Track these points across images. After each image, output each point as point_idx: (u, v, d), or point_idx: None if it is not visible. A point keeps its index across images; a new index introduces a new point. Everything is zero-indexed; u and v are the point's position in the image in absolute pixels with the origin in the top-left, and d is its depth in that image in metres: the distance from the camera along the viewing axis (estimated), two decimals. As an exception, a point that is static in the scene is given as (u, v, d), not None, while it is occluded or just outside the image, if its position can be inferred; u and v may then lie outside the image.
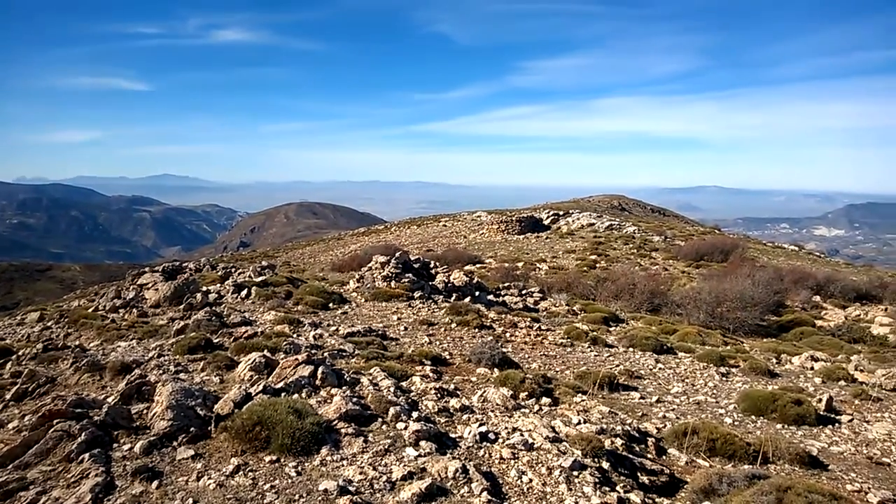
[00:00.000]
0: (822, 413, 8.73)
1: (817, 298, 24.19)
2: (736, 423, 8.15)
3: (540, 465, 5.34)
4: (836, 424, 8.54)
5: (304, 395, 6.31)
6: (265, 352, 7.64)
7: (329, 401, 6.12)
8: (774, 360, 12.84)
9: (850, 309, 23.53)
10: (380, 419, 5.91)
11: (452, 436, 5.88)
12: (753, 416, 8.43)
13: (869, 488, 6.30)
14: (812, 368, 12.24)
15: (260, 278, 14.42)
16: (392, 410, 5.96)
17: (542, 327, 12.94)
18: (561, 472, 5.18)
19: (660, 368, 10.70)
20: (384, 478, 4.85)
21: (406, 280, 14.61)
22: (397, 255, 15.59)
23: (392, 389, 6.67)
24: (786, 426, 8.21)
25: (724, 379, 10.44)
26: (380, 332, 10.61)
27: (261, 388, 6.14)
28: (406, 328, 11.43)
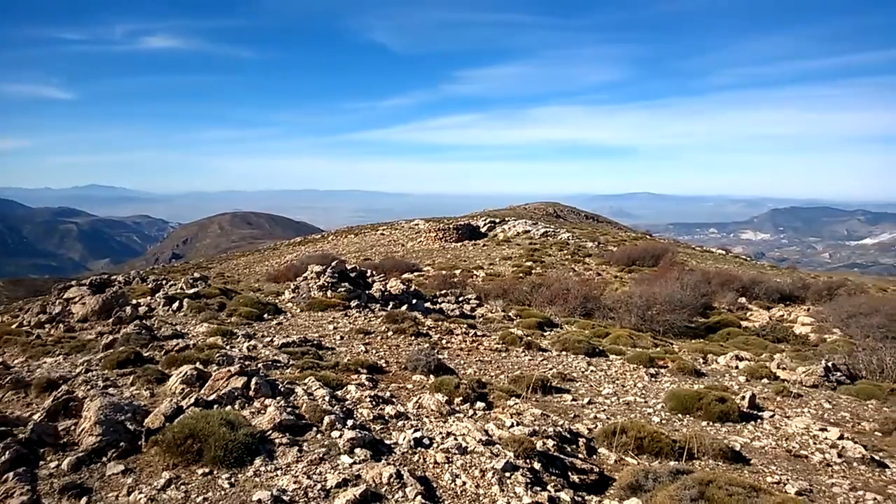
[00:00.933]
0: (745, 410, 9.15)
1: (743, 300, 25.27)
2: (663, 421, 8.47)
3: (473, 467, 5.45)
4: (759, 420, 8.96)
5: (237, 406, 6.24)
6: (197, 364, 7.51)
7: (263, 411, 6.07)
8: (701, 361, 13.35)
9: (775, 310, 24.67)
10: (315, 428, 5.89)
11: (387, 442, 5.92)
12: (680, 415, 8.77)
13: (788, 480, 6.66)
14: (737, 367, 12.79)
15: (192, 290, 14.10)
16: (327, 419, 5.96)
17: (478, 333, 13.11)
18: (494, 473, 5.30)
19: (592, 371, 11.00)
20: (319, 486, 4.86)
21: (342, 289, 14.55)
22: (333, 264, 15.51)
23: (327, 398, 6.66)
24: (711, 423, 8.57)
25: (653, 379, 10.81)
26: (315, 342, 10.55)
27: (192, 400, 6.04)
28: (342, 337, 11.39)
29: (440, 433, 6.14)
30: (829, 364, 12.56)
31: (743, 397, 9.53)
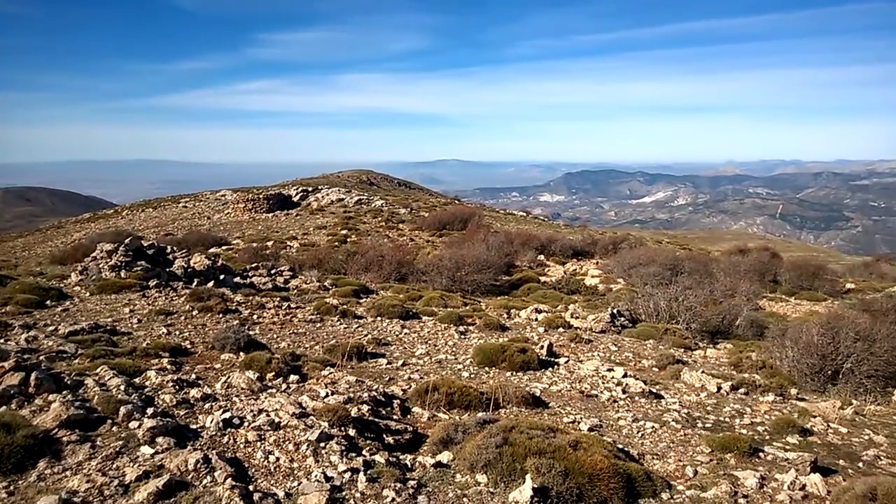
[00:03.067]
0: (543, 358, 9.91)
1: (542, 257, 27.18)
2: (472, 375, 8.93)
3: (287, 442, 5.36)
4: (556, 366, 9.75)
5: (13, 406, 5.57)
6: (-39, 364, 6.58)
7: (46, 409, 5.48)
8: (506, 316, 14.22)
9: (569, 265, 26.82)
10: (109, 421, 5.44)
11: (193, 427, 5.63)
12: (487, 368, 9.30)
13: (581, 418, 7.32)
14: (537, 320, 13.78)
15: (-47, 279, 12.28)
16: (123, 410, 5.52)
17: (292, 305, 12.85)
18: (308, 445, 5.25)
19: (406, 334, 11.28)
20: (116, 482, 4.50)
21: (139, 268, 13.47)
22: (127, 241, 14.27)
23: (123, 388, 6.16)
24: (514, 373, 9.19)
25: (462, 337, 11.33)
26: (108, 328, 9.69)
27: (-45, 405, 5.30)
28: (140, 320, 10.58)
29: (251, 411, 5.96)
30: (615, 311, 13.97)
31: (542, 347, 10.31)
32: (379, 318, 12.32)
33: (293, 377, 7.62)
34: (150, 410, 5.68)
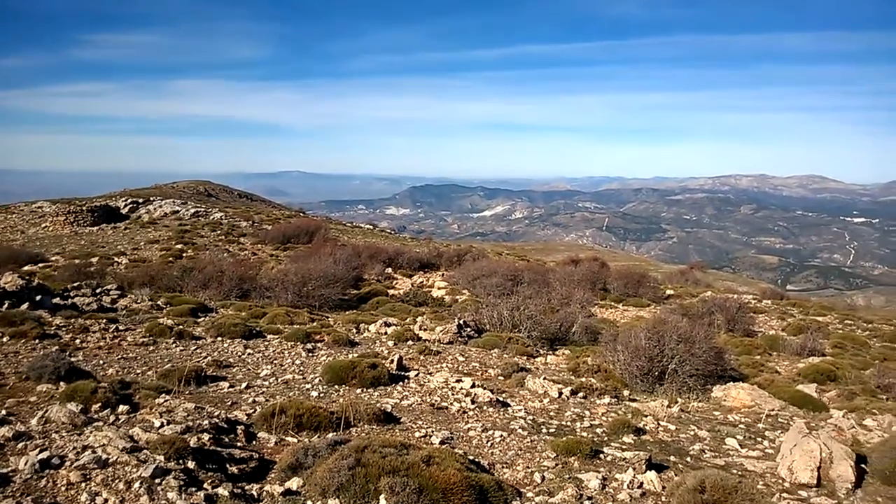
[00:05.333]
0: (394, 372, 9.86)
1: (390, 270, 27.27)
2: (321, 395, 8.68)
3: (117, 480, 4.87)
4: (406, 380, 9.73)
5: None
6: None
7: None
8: (355, 330, 14.04)
9: (416, 277, 27.13)
10: None
11: (4, 471, 4.96)
12: (337, 386, 9.09)
13: (433, 432, 7.34)
14: (386, 333, 13.73)
15: None
16: (-89, 458, 4.75)
17: (121, 328, 11.83)
18: (141, 482, 4.80)
19: (249, 354, 10.76)
20: None
21: (-67, 291, 11.78)
22: (-82, 260, 12.45)
23: (-89, 431, 5.31)
24: (365, 389, 9.05)
25: (310, 354, 11.01)
26: None
27: None
28: (-66, 351, 9.24)
29: (74, 448, 5.36)
30: (461, 322, 14.27)
31: (392, 361, 10.27)
32: (219, 339, 11.67)
33: (123, 407, 6.98)
34: (-55, 457, 4.93)
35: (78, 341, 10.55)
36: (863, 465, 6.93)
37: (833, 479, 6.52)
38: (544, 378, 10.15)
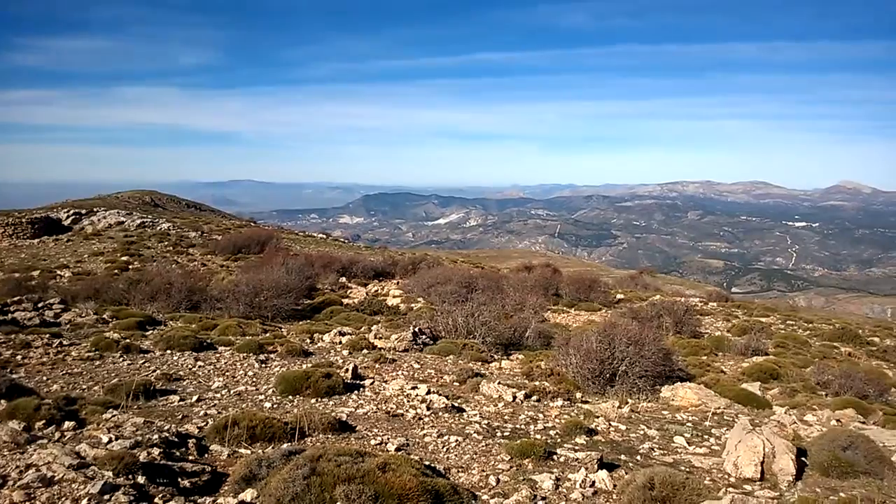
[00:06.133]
0: (349, 381, 9.83)
1: (344, 279, 27.08)
2: (275, 406, 8.59)
3: (64, 498, 4.74)
4: (361, 389, 9.71)
5: None
6: None
7: None
8: (309, 341, 13.92)
9: (371, 286, 27.01)
10: None
11: (-61, 495, 4.78)
12: (291, 396, 9.01)
13: (389, 439, 7.35)
14: (341, 342, 13.66)
15: None
16: None
17: (65, 342, 11.49)
18: (90, 500, 4.69)
19: (200, 366, 10.56)
20: None
21: None
22: None
23: None
24: (319, 399, 9.00)
25: (263, 365, 10.87)
26: None
27: None
28: None
29: (17, 467, 5.20)
30: (416, 329, 14.29)
31: (347, 370, 10.23)
32: (169, 352, 11.43)
33: (69, 424, 6.78)
34: None
35: (19, 357, 10.20)
36: (803, 459, 7.22)
37: (776, 472, 6.77)
38: (499, 383, 10.25)
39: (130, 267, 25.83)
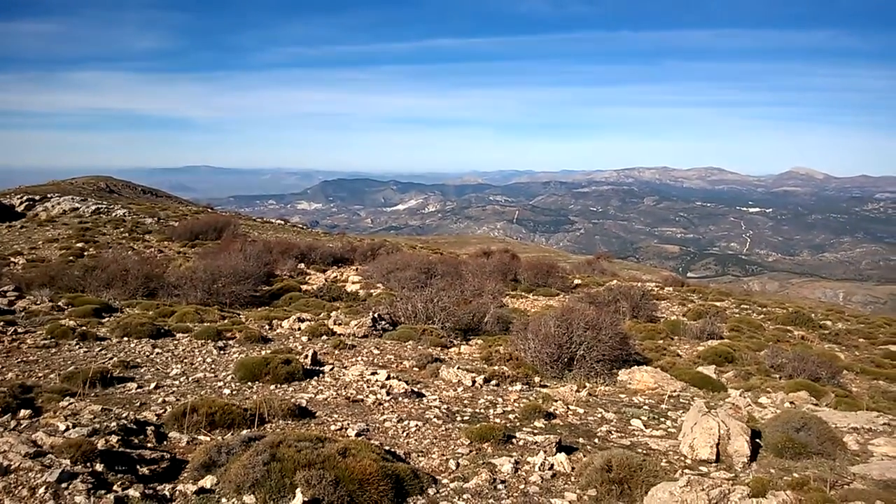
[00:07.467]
0: (308, 367, 9.86)
1: (302, 266, 26.92)
2: (234, 392, 8.59)
3: (20, 486, 4.72)
4: (321, 375, 9.75)
5: None
6: None
7: None
8: (267, 327, 13.87)
9: (330, 272, 26.92)
10: None
11: None
12: (250, 383, 9.02)
13: (349, 424, 7.43)
14: (300, 329, 13.65)
15: None
16: None
17: (20, 330, 11.25)
18: (47, 488, 4.68)
19: (157, 353, 10.47)
20: None
21: None
22: None
23: None
24: (279, 385, 9.02)
25: (221, 352, 10.83)
26: None
27: None
28: None
29: (-30, 457, 5.14)
30: (376, 315, 14.36)
31: (306, 356, 10.26)
32: (126, 339, 11.29)
33: (24, 412, 6.70)
34: None
35: (-30, 346, 9.97)
36: (758, 440, 7.52)
37: (731, 454, 7.05)
38: (458, 368, 10.41)
39: (86, 254, 25.26)
